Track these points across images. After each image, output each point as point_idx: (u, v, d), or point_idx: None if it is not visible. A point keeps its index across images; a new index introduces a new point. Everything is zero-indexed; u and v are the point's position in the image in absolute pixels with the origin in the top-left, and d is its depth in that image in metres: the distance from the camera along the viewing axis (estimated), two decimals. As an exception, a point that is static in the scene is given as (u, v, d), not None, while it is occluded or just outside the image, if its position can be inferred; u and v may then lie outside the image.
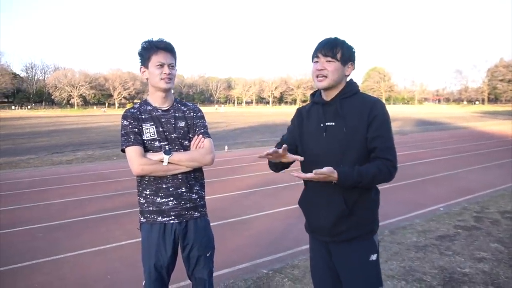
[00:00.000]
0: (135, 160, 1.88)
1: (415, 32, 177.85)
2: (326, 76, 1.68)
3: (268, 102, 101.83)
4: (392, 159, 1.65)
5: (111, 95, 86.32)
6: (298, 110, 1.91)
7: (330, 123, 1.70)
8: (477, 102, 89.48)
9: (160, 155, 1.89)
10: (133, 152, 1.89)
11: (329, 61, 1.67)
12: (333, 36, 1.73)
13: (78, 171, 9.07)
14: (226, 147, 12.47)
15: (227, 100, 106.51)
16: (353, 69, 1.74)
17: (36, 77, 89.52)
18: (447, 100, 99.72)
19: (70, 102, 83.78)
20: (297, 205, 1.90)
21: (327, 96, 1.75)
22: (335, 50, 1.67)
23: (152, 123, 1.95)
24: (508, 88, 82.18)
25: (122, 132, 1.95)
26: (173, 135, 1.96)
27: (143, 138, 1.94)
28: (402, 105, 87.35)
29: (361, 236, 1.71)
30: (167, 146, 1.93)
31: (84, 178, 8.20)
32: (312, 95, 1.85)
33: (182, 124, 1.99)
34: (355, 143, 1.65)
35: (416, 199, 5.94)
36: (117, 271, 3.51)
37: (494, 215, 4.96)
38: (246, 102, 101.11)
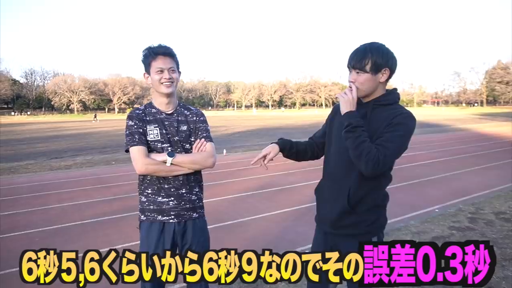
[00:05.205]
0: (139, 159, 1.94)
1: (413, 34, 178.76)
2: (357, 87, 1.74)
3: (267, 106, 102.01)
4: (384, 152, 1.61)
5: (110, 100, 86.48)
6: (334, 106, 1.98)
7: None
8: (475, 104, 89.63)
9: (164, 156, 1.95)
10: (137, 151, 1.95)
11: (358, 72, 1.72)
12: (366, 43, 1.76)
13: (77, 176, 9.10)
14: (224, 151, 12.52)
15: (227, 104, 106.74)
16: (390, 73, 1.74)
17: (35, 83, 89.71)
18: (446, 102, 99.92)
19: (69, 107, 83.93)
20: (293, 208, 2.00)
21: (364, 99, 1.80)
22: (364, 61, 1.69)
23: (156, 125, 2.02)
24: (506, 90, 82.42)
25: (127, 132, 2.01)
26: (176, 138, 2.02)
27: (147, 139, 2.00)
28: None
29: (360, 235, 1.76)
30: (169, 148, 2.00)
31: (82, 183, 8.23)
32: None
33: (184, 128, 2.06)
34: None
35: (412, 200, 5.97)
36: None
37: (488, 216, 4.99)
38: (246, 106, 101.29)
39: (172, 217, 2.01)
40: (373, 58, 1.69)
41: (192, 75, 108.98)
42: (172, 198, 2.01)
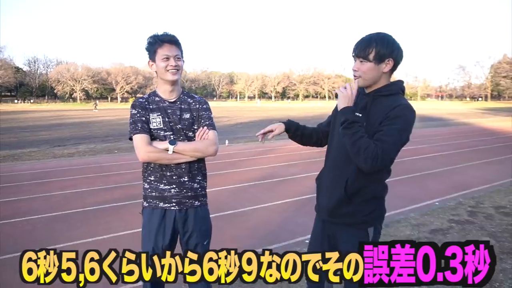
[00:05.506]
0: (142, 147, 1.96)
1: (418, 27, 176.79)
2: (360, 76, 1.74)
3: (270, 97, 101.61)
4: (382, 147, 1.59)
5: (113, 89, 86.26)
6: None
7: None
8: (480, 99, 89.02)
9: (166, 144, 1.97)
10: (140, 139, 1.98)
11: (362, 61, 1.73)
12: (372, 33, 1.75)
13: (79, 164, 9.14)
14: (226, 141, 12.51)
15: (230, 95, 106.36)
16: (394, 64, 1.73)
17: (38, 71, 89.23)
18: (450, 96, 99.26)
19: (72, 96, 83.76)
20: (294, 199, 2.01)
21: (367, 89, 1.81)
22: (368, 50, 1.69)
23: (159, 113, 2.03)
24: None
25: (131, 120, 2.03)
26: (178, 126, 2.03)
27: (150, 127, 2.02)
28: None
29: (356, 225, 1.79)
30: (172, 136, 2.02)
31: (85, 170, 8.27)
32: None
33: (187, 115, 2.07)
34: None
35: (412, 193, 5.98)
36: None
37: (488, 209, 5.00)
38: (249, 97, 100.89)
39: (174, 204, 2.03)
40: (377, 47, 1.68)
41: (195, 65, 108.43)
42: (174, 186, 2.02)
